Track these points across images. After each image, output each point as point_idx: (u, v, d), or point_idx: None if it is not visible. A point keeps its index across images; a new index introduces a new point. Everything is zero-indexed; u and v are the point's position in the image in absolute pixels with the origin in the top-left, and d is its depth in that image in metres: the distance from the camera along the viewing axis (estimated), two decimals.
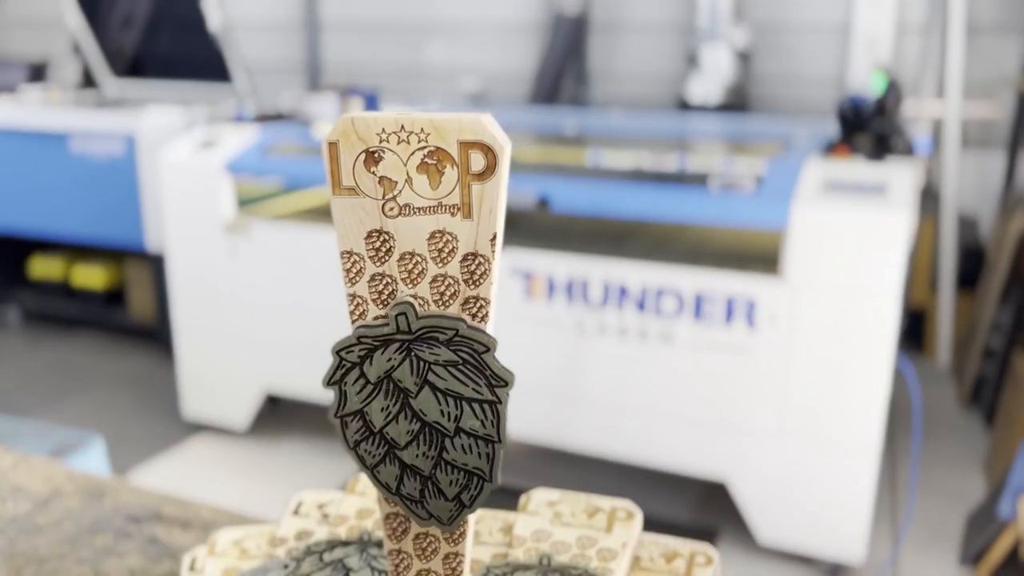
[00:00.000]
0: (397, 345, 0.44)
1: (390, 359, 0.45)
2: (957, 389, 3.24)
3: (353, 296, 0.45)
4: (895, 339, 2.02)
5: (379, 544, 0.60)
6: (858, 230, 1.98)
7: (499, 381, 0.45)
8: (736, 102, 3.68)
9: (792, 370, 2.08)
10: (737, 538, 2.32)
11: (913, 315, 3.51)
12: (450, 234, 0.43)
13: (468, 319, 0.44)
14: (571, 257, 2.25)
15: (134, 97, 3.92)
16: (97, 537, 0.82)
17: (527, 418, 2.38)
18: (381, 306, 0.44)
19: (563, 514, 0.63)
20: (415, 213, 0.42)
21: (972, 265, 3.45)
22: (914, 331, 3.56)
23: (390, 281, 0.44)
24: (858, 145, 2.32)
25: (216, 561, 0.69)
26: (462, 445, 0.45)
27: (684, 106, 3.71)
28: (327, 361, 0.46)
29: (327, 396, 0.46)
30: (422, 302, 0.44)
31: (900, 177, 2.08)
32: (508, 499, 0.72)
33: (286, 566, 0.58)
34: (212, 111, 3.35)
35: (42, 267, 3.86)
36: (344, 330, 0.46)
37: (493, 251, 0.43)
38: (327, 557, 0.58)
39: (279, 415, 3.04)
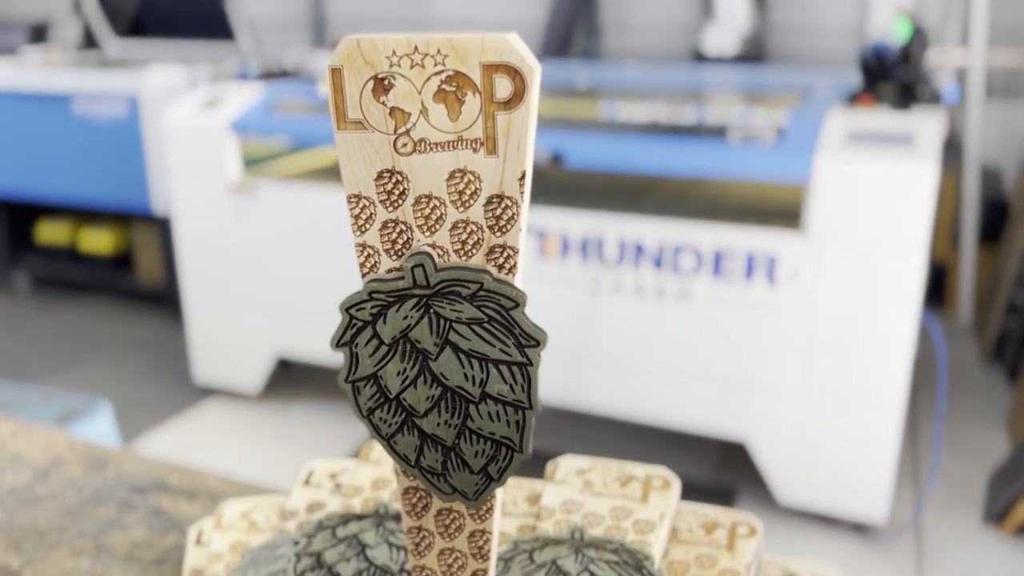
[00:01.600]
0: (414, 301, 0.39)
1: (406, 317, 0.40)
2: (979, 345, 3.18)
3: (363, 246, 0.40)
4: (921, 294, 1.96)
5: (397, 518, 0.56)
6: (884, 181, 1.91)
7: (530, 340, 0.40)
8: (753, 53, 3.57)
9: (814, 327, 2.03)
10: (756, 498, 2.29)
11: (934, 270, 3.44)
12: (472, 173, 0.37)
13: (494, 271, 0.39)
14: (586, 214, 2.19)
15: (136, 57, 3.85)
16: (99, 508, 0.78)
17: (541, 379, 2.33)
18: (395, 257, 0.39)
19: (594, 483, 0.59)
20: (432, 149, 0.37)
21: (995, 218, 3.37)
22: (935, 287, 3.49)
23: (404, 229, 0.39)
24: (882, 94, 2.24)
25: (223, 535, 0.65)
26: (488, 412, 0.41)
27: (700, 58, 3.61)
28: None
29: (340, 359, 0.41)
30: (441, 252, 0.39)
31: (927, 126, 2.00)
32: (528, 464, 0.67)
33: (296, 542, 0.54)
34: (215, 70, 3.28)
35: (49, 232, 3.83)
36: (357, 289, 0.41)
37: (521, 192, 0.37)
38: (340, 532, 0.54)
39: (291, 378, 3.01)
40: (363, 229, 0.39)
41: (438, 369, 0.40)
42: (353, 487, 0.60)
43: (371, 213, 0.39)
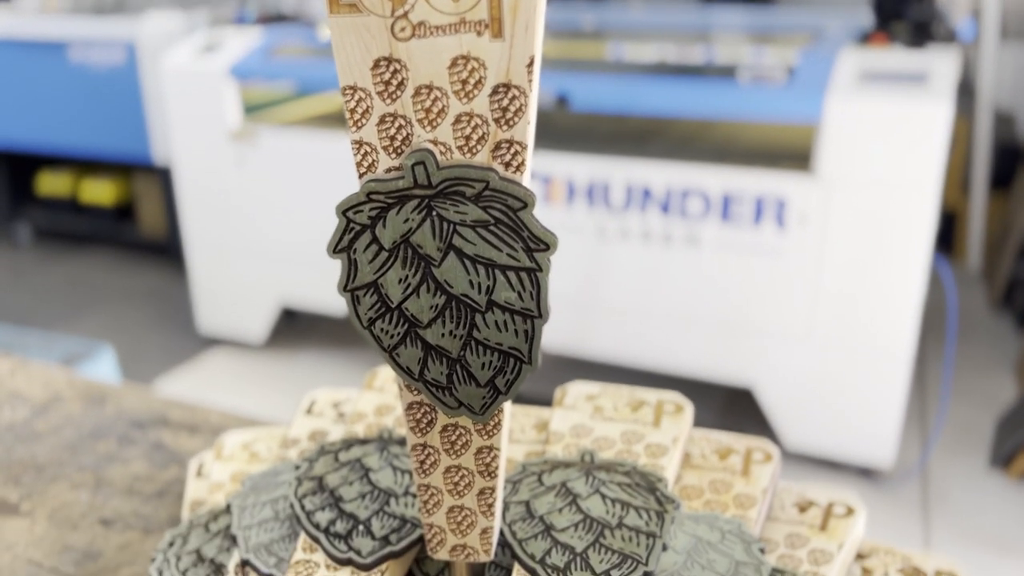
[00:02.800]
0: (415, 203, 0.37)
1: (407, 220, 0.37)
2: (988, 292, 3.15)
3: (359, 143, 0.37)
4: (932, 238, 1.93)
5: (401, 442, 0.54)
6: (896, 121, 1.87)
7: (539, 244, 0.37)
8: None
9: (823, 271, 2.00)
10: None
11: (944, 217, 3.39)
12: (476, 60, 0.34)
13: (500, 169, 0.36)
14: (591, 158, 2.15)
15: (133, 3, 3.77)
16: (99, 443, 0.77)
17: (546, 326, 2.32)
18: (394, 155, 0.37)
19: (604, 408, 0.57)
20: (432, 33, 0.34)
21: (1007, 163, 3.32)
22: (944, 233, 3.45)
23: (404, 123, 0.36)
24: (895, 33, 2.18)
25: (224, 465, 0.63)
26: (495, 321, 0.38)
27: (707, 0, 3.53)
28: None
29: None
30: (443, 149, 0.36)
31: (941, 65, 1.95)
32: (535, 401, 0.65)
33: (298, 467, 0.52)
34: (213, 14, 3.21)
35: (50, 183, 3.79)
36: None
37: (530, 80, 0.35)
38: (343, 456, 0.52)
39: (296, 328, 3.01)
40: (359, 124, 0.37)
41: (442, 276, 0.38)
42: (356, 413, 0.59)
43: (367, 106, 0.36)
